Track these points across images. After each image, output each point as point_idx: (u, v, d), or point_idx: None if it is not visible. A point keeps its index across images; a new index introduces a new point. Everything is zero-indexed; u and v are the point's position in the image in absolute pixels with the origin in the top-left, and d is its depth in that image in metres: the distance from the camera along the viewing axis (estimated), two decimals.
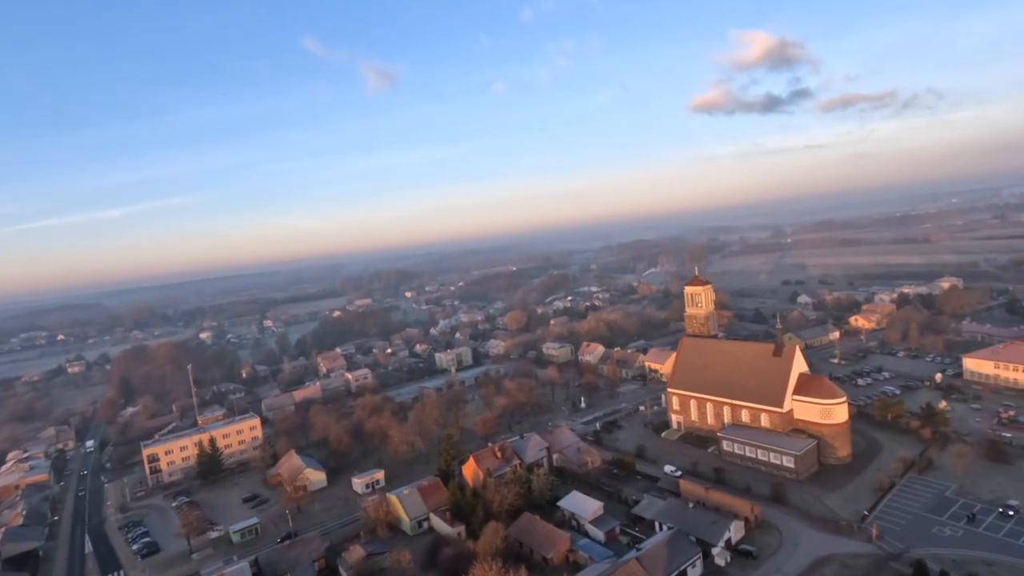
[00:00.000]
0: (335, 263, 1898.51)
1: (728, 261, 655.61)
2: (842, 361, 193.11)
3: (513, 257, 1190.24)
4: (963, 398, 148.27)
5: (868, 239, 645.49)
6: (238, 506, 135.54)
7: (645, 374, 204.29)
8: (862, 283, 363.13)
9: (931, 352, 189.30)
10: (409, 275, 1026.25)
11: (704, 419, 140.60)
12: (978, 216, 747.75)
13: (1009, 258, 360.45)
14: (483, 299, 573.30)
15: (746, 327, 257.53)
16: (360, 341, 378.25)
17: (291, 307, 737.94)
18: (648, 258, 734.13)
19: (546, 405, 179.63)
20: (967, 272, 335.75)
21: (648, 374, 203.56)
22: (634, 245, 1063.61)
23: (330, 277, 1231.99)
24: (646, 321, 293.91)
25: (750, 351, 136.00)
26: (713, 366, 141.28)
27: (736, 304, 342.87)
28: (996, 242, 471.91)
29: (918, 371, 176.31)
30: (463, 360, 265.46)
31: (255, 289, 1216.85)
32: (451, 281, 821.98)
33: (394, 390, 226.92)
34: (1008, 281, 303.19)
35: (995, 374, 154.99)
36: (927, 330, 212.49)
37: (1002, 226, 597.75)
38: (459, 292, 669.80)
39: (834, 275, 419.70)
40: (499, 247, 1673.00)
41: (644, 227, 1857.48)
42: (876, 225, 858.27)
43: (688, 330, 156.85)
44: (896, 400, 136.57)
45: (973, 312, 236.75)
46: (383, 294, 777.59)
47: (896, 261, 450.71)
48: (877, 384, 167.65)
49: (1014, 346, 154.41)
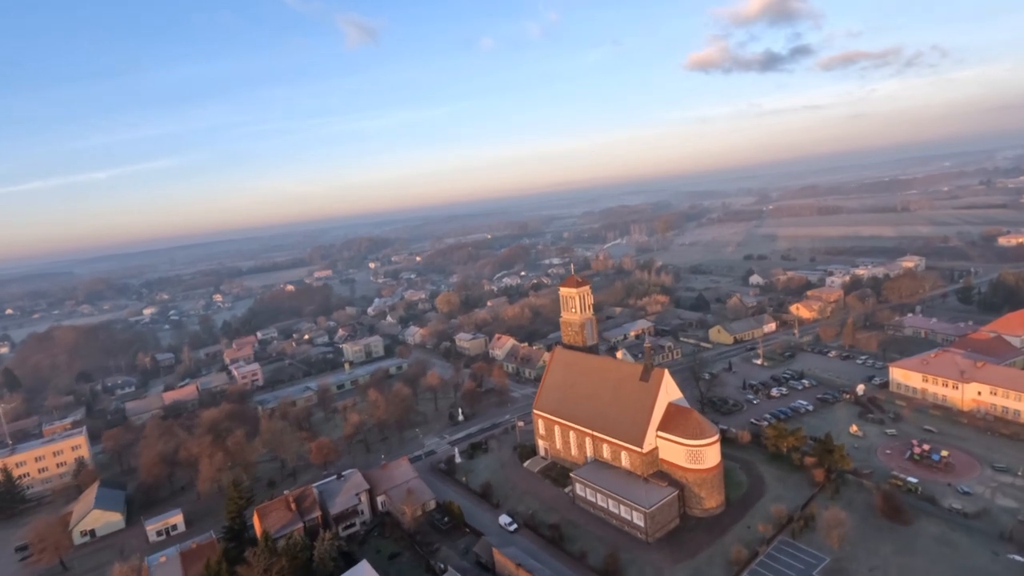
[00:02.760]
0: (318, 228, 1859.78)
1: (702, 230, 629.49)
2: (766, 363, 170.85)
3: (493, 223, 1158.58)
4: (880, 419, 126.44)
5: (847, 207, 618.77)
6: (8, 556, 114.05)
7: None
8: (824, 259, 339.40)
9: (864, 353, 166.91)
10: (383, 243, 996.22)
11: (568, 450, 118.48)
12: (965, 182, 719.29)
13: (981, 232, 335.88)
14: (443, 271, 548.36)
15: (681, 316, 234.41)
16: (289, 322, 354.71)
17: (250, 279, 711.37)
18: (621, 227, 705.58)
19: (416, 420, 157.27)
20: (934, 249, 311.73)
21: None
22: (615, 211, 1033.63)
23: (307, 244, 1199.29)
24: None
25: (618, 372, 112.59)
26: (580, 386, 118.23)
27: (684, 284, 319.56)
28: (975, 211, 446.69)
29: (846, 377, 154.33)
30: (372, 351, 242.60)
31: (227, 257, 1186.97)
32: (422, 250, 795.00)
33: (283, 389, 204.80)
34: (974, 260, 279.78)
35: (922, 388, 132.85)
36: (868, 324, 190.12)
37: (986, 193, 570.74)
38: (422, 263, 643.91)
39: (800, 249, 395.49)
40: (485, 211, 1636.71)
41: (634, 191, 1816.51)
42: (861, 190, 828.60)
43: (564, 339, 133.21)
44: (791, 429, 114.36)
45: (925, 300, 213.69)
46: (348, 264, 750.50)
47: (868, 233, 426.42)
48: (792, 396, 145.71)
49: (945, 356, 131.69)
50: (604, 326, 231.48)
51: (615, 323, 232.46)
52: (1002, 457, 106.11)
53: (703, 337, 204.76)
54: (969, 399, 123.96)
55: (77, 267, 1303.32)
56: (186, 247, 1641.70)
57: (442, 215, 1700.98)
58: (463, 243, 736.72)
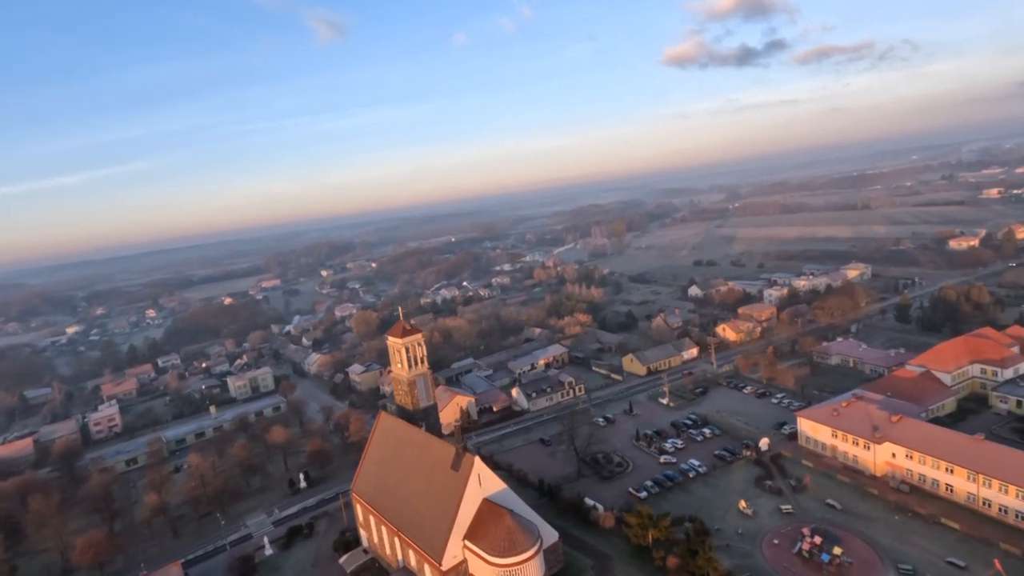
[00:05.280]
0: (291, 231, 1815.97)
1: (664, 231, 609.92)
2: (671, 403, 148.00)
3: (463, 225, 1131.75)
4: (779, 488, 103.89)
5: (811, 205, 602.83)
6: None
7: None
8: (773, 266, 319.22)
9: (782, 389, 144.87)
10: (344, 248, 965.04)
11: (383, 548, 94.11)
12: (929, 176, 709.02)
13: (934, 233, 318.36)
14: (393, 280, 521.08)
15: (601, 339, 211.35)
16: (202, 345, 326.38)
17: (196, 290, 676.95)
18: (584, 228, 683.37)
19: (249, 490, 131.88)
20: (884, 254, 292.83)
21: None
22: (586, 211, 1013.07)
23: (276, 248, 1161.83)
24: (502, 325, 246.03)
25: (431, 454, 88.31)
26: (396, 468, 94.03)
27: (623, 297, 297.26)
28: (933, 209, 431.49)
29: (756, 422, 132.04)
30: (260, 386, 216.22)
31: (187, 264, 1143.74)
32: (383, 255, 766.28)
33: (139, 438, 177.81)
34: (923, 266, 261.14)
35: (832, 445, 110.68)
36: (795, 350, 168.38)
37: (947, 188, 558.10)
38: (375, 271, 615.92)
39: (753, 253, 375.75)
40: (461, 212, 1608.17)
41: (611, 188, 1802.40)
42: (829, 186, 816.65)
43: (396, 399, 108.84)
44: (659, 514, 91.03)
45: (863, 318, 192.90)
46: (301, 272, 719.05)
47: (824, 234, 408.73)
48: (688, 451, 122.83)
49: (858, 405, 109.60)
50: (516, 352, 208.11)
51: (529, 348, 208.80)
52: (911, 551, 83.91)
53: (617, 367, 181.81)
54: (882, 462, 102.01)
55: (33, 277, 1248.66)
56: (151, 253, 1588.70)
57: (420, 216, 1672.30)
58: (421, 248, 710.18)
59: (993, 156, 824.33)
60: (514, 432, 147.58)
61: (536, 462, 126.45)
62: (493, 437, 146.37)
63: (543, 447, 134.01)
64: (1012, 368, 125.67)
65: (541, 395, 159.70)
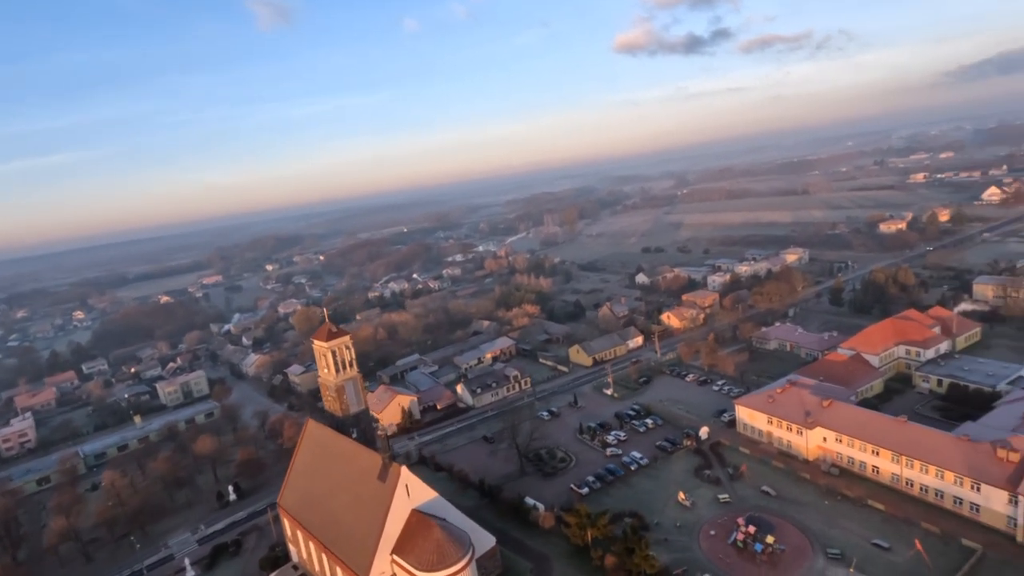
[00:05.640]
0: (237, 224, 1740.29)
1: (615, 219, 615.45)
2: (616, 394, 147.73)
3: (416, 215, 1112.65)
4: (717, 477, 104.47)
5: (756, 190, 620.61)
6: None
7: None
8: (718, 251, 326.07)
9: (723, 376, 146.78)
10: (292, 240, 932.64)
11: (312, 564, 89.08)
12: (863, 161, 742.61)
13: (867, 217, 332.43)
14: (341, 274, 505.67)
15: (549, 330, 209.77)
16: (132, 348, 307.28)
17: (131, 288, 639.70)
18: (536, 216, 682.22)
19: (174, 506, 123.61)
20: (822, 238, 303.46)
21: None
22: (539, 199, 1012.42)
23: (216, 243, 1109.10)
24: (450, 318, 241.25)
25: (358, 463, 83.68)
26: (324, 478, 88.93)
27: (572, 286, 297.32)
28: (866, 194, 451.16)
29: (697, 410, 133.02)
30: (194, 391, 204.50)
31: (123, 261, 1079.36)
32: (332, 247, 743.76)
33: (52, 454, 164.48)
34: (856, 249, 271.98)
35: (768, 432, 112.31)
36: (736, 336, 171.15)
37: (879, 173, 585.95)
38: (323, 264, 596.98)
39: (699, 239, 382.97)
40: (415, 201, 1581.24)
41: (564, 176, 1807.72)
42: (772, 172, 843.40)
43: (325, 405, 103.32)
44: (597, 512, 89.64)
45: (800, 302, 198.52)
46: (246, 267, 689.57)
47: (767, 219, 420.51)
48: (632, 442, 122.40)
49: (792, 391, 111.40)
50: (463, 346, 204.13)
51: (477, 342, 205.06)
52: (840, 535, 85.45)
53: (564, 358, 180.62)
54: (814, 446, 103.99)
55: None
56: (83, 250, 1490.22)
57: (372, 206, 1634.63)
58: (372, 240, 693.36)
59: (920, 142, 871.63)
60: (458, 430, 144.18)
61: (478, 461, 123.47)
62: (436, 436, 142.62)
63: (487, 445, 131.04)
64: (933, 348, 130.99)
65: (486, 390, 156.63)
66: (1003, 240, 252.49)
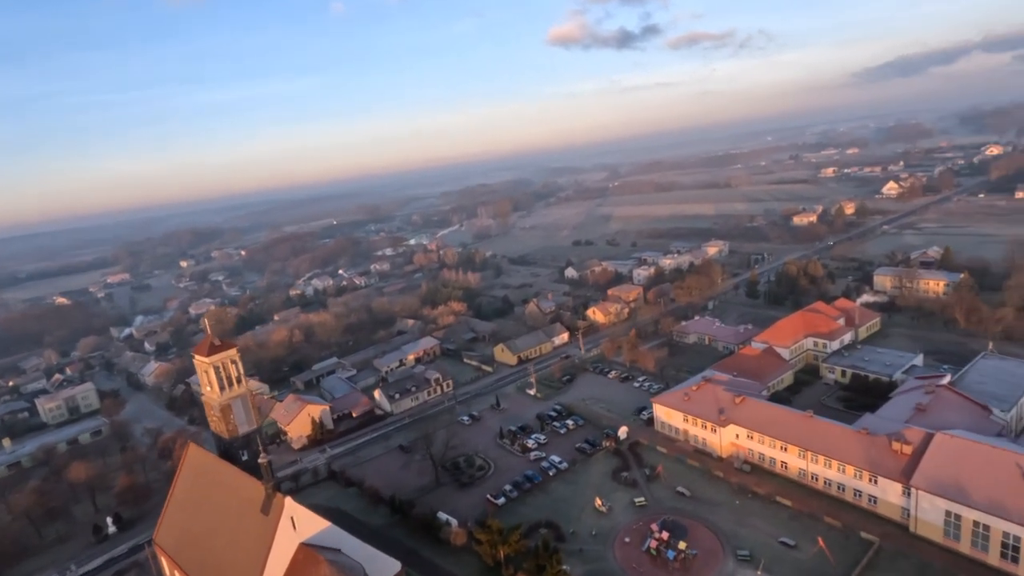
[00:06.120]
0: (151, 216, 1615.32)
1: (549, 211, 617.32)
2: (539, 394, 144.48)
3: (347, 207, 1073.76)
4: (634, 479, 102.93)
5: (682, 183, 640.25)
6: None
7: (278, 437, 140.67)
8: (645, 244, 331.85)
9: (644, 373, 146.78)
10: (212, 234, 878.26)
11: None
12: (780, 156, 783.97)
13: (782, 211, 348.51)
14: (263, 270, 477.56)
15: (475, 328, 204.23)
16: (17, 357, 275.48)
17: (22, 289, 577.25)
18: (470, 209, 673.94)
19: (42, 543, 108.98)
20: (740, 231, 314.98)
21: (279, 439, 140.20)
22: (474, 191, 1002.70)
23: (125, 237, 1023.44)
24: (373, 317, 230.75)
25: (238, 494, 74.91)
26: (205, 511, 79.38)
27: (502, 281, 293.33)
28: (782, 187, 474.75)
29: (618, 408, 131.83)
30: (81, 406, 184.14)
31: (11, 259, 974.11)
32: (255, 242, 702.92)
33: None
34: (772, 241, 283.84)
35: (684, 430, 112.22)
36: (657, 330, 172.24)
37: (794, 167, 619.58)
38: (244, 260, 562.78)
39: (627, 232, 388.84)
40: (343, 193, 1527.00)
41: (501, 167, 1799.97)
42: (699, 165, 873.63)
43: (211, 426, 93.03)
44: (510, 526, 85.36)
45: (719, 295, 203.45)
46: (157, 264, 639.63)
47: (692, 212, 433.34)
48: (553, 444, 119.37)
49: (707, 388, 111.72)
50: (386, 347, 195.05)
51: (399, 343, 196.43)
52: (750, 534, 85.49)
53: (489, 357, 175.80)
54: (727, 443, 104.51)
55: None
56: None
57: (299, 198, 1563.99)
58: (297, 233, 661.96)
59: (830, 139, 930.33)
60: (374, 440, 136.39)
61: (392, 474, 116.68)
62: (350, 447, 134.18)
63: (403, 455, 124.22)
64: (838, 340, 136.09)
65: (405, 395, 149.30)
66: (900, 232, 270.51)
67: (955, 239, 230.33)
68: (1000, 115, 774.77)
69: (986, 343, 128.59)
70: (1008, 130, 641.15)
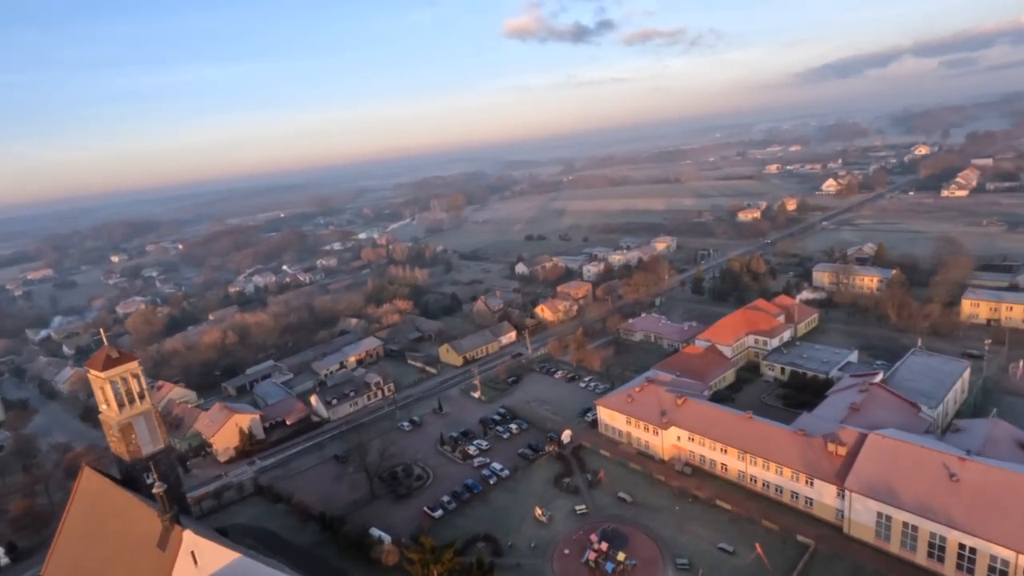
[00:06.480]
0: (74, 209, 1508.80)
1: (503, 205, 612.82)
2: (483, 397, 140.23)
3: (296, 198, 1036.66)
4: (576, 486, 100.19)
5: (634, 178, 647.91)
6: None
7: (203, 449, 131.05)
8: (597, 239, 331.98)
9: (590, 373, 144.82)
10: (148, 226, 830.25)
11: None
12: (728, 152, 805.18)
13: (728, 206, 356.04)
14: (200, 266, 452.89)
15: (421, 327, 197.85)
16: None
17: None
18: (423, 202, 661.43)
19: None
20: (688, 226, 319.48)
21: (204, 452, 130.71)
22: (429, 183, 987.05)
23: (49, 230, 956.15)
24: (315, 317, 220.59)
25: (139, 525, 67.32)
26: (100, 545, 71.12)
27: (452, 276, 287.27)
28: (729, 183, 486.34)
29: (564, 411, 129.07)
30: None
31: None
32: (196, 235, 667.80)
33: None
34: (718, 236, 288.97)
35: (627, 432, 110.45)
36: (604, 328, 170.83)
37: (741, 164, 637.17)
38: (182, 254, 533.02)
39: (580, 227, 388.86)
40: (293, 184, 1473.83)
41: (456, 159, 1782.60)
42: (650, 160, 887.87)
43: (111, 447, 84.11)
44: (443, 544, 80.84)
45: (665, 293, 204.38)
46: (86, 258, 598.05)
47: (642, 207, 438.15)
48: (495, 450, 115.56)
49: (650, 390, 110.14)
50: (326, 349, 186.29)
51: (341, 343, 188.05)
52: (690, 541, 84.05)
53: (434, 358, 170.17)
54: (669, 446, 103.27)
55: None
56: None
57: (248, 188, 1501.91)
58: (242, 226, 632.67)
59: (775, 136, 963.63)
60: (308, 449, 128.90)
61: (324, 486, 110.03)
62: (282, 458, 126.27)
63: (337, 465, 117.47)
64: (778, 337, 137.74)
65: (343, 400, 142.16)
66: (838, 228, 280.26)
67: (888, 235, 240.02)
68: (928, 117, 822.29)
69: (916, 338, 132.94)
70: (935, 131, 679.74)
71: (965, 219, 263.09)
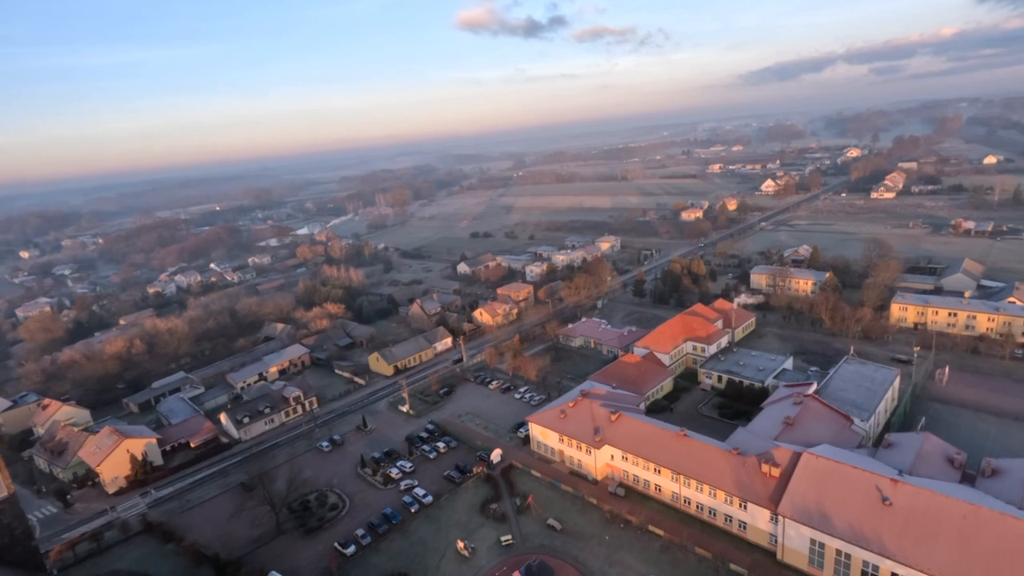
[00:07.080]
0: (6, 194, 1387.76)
1: (450, 200, 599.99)
2: (412, 411, 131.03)
3: (233, 190, 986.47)
4: (504, 512, 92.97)
5: (583, 175, 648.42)
6: None
7: (89, 479, 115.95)
8: (542, 237, 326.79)
9: (526, 382, 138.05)
10: (67, 219, 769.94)
11: None
12: (674, 151, 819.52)
13: (672, 205, 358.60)
14: (119, 263, 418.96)
15: (352, 332, 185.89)
16: None
17: None
18: (368, 196, 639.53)
19: None
20: (633, 225, 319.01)
21: (91, 482, 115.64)
22: (376, 176, 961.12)
23: None
24: (237, 322, 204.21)
25: None
26: None
27: (391, 276, 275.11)
28: (673, 181, 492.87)
29: (495, 425, 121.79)
30: None
31: None
32: (120, 228, 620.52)
33: None
34: (662, 236, 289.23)
35: (560, 450, 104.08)
36: (544, 333, 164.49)
37: (685, 163, 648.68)
38: (101, 249, 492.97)
39: (526, 224, 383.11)
40: (231, 175, 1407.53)
41: (406, 152, 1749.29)
42: (599, 157, 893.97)
43: None
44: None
45: (607, 295, 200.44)
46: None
47: (590, 204, 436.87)
48: (421, 471, 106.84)
49: (583, 404, 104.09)
50: (245, 358, 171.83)
51: (263, 352, 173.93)
52: (620, 574, 78.34)
53: (363, 367, 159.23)
54: (602, 465, 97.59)
55: None
56: None
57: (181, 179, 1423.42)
58: (169, 220, 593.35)
59: (719, 136, 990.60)
60: (212, 476, 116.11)
61: (223, 522, 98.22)
62: (182, 487, 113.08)
63: (243, 494, 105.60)
64: (716, 344, 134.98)
65: (257, 418, 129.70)
66: (776, 229, 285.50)
67: (822, 237, 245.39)
68: (859, 120, 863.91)
69: (848, 343, 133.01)
70: (865, 134, 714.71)
71: (892, 221, 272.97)
